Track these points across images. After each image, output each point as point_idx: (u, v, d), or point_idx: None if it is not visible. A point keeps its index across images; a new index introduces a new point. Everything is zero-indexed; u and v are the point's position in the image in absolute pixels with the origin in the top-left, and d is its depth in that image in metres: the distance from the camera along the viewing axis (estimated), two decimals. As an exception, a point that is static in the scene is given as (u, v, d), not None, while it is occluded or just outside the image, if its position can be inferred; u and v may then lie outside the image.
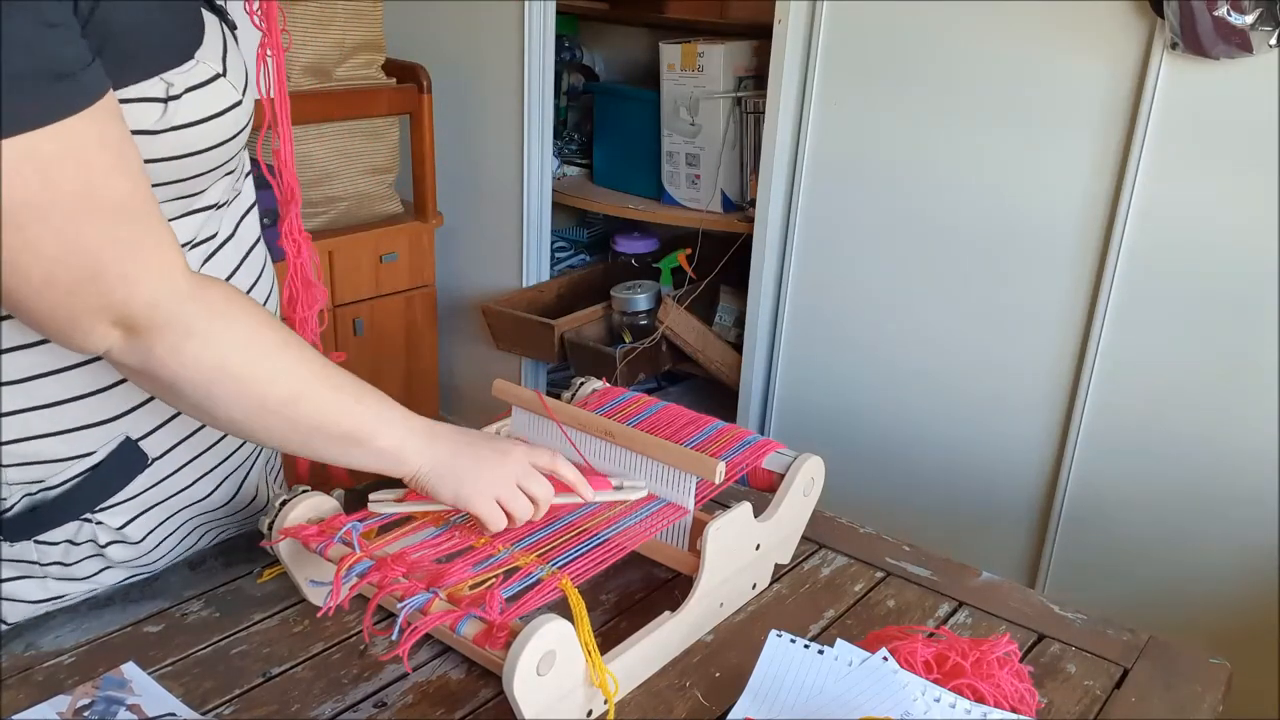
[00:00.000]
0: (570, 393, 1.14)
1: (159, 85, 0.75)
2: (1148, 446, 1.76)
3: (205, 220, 0.87)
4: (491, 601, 0.77)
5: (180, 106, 0.76)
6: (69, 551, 0.89)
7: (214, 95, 0.79)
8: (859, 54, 1.93)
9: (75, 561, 0.90)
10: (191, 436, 0.92)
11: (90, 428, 0.84)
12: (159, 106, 0.75)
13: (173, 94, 0.76)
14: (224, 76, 0.80)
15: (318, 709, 0.82)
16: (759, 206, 2.13)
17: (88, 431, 0.84)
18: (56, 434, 0.83)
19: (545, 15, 2.40)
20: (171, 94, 0.76)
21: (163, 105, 0.75)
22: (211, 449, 0.95)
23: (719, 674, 0.89)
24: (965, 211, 1.87)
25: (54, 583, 0.90)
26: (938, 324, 1.95)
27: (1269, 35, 1.47)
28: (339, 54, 2.24)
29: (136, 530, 0.91)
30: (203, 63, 0.79)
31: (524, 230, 2.58)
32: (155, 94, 0.75)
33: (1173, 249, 1.67)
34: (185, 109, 0.77)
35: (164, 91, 0.75)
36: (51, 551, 0.88)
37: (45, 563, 0.89)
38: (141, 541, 0.92)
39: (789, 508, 1.00)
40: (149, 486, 0.90)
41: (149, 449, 0.89)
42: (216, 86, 0.79)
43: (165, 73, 0.76)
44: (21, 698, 0.81)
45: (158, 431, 0.89)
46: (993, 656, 0.83)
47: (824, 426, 2.16)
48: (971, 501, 1.98)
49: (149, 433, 0.88)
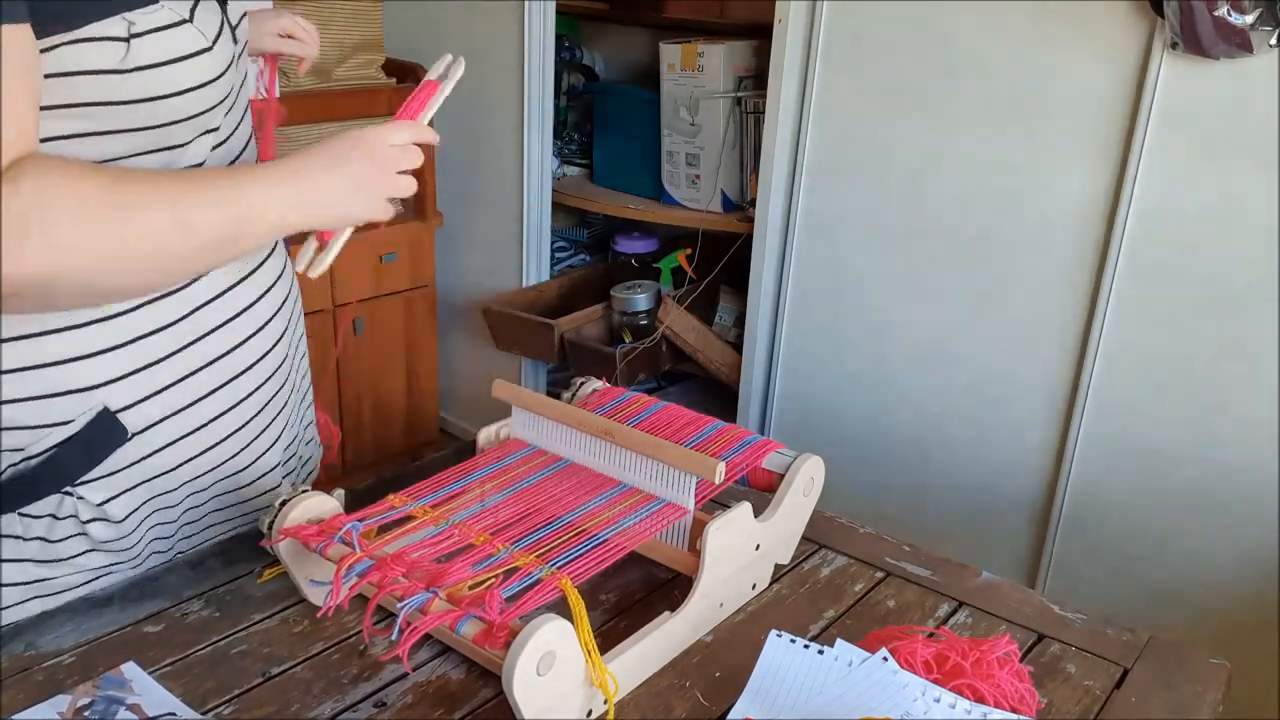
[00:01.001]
0: (570, 393, 1.14)
1: (120, 24, 0.76)
2: (1148, 446, 1.76)
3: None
4: (491, 601, 0.76)
5: (143, 45, 0.77)
6: (52, 527, 0.89)
7: (179, 39, 0.80)
8: (859, 54, 1.93)
9: (59, 540, 0.90)
10: (179, 413, 0.92)
11: (64, 395, 0.85)
12: (121, 45, 0.76)
13: (134, 32, 0.77)
14: (189, 22, 0.81)
15: (318, 709, 0.82)
16: (759, 206, 2.13)
17: (62, 400, 0.85)
18: (29, 399, 0.84)
19: (545, 15, 2.40)
20: (134, 32, 0.76)
21: (125, 45, 0.76)
22: (203, 428, 0.94)
23: (719, 674, 0.89)
24: (965, 211, 1.87)
25: (34, 566, 0.90)
26: (937, 324, 1.95)
27: (1269, 35, 1.47)
28: (339, 54, 2.24)
29: (118, 509, 0.91)
30: (167, 7, 0.79)
31: (524, 230, 2.58)
32: (117, 32, 0.76)
33: (1172, 248, 1.67)
34: (148, 49, 0.78)
35: (125, 30, 0.76)
36: (35, 525, 0.89)
37: (29, 537, 0.89)
38: (123, 521, 0.92)
39: (789, 508, 1.00)
40: (131, 463, 0.90)
41: (131, 423, 0.88)
42: (181, 30, 0.80)
43: (127, 12, 0.76)
44: (21, 698, 0.81)
45: (140, 405, 0.89)
46: (993, 657, 0.83)
47: (824, 426, 2.16)
48: (971, 501, 1.98)
49: (129, 405, 0.88)
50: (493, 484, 0.97)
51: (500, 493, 0.96)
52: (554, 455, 1.03)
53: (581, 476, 0.99)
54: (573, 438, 1.01)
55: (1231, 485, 1.69)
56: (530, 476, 0.99)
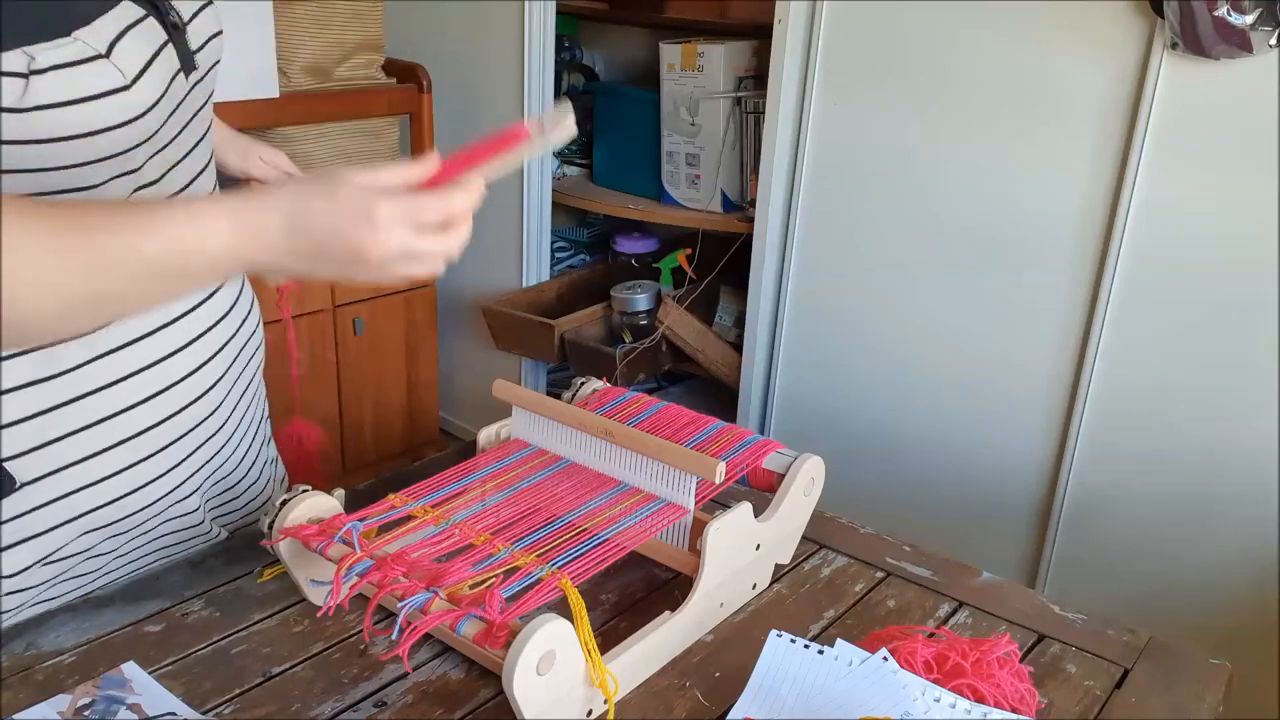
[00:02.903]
0: (570, 393, 1.14)
1: (20, 58, 0.69)
2: (1148, 446, 1.76)
3: None
4: (491, 601, 0.76)
5: (44, 82, 0.69)
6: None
7: (88, 76, 0.72)
8: (859, 54, 1.93)
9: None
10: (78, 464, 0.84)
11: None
12: (19, 81, 0.68)
13: (35, 68, 0.69)
14: (105, 58, 0.73)
15: (318, 709, 0.82)
16: (759, 206, 2.13)
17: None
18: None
19: (545, 15, 2.40)
20: (34, 68, 0.69)
21: (24, 81, 0.68)
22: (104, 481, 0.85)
23: (719, 674, 0.89)
24: (965, 211, 1.87)
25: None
26: (938, 324, 1.95)
27: (1269, 35, 1.47)
28: (339, 54, 2.24)
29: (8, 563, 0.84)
30: (81, 41, 0.72)
31: (524, 230, 2.58)
32: (15, 67, 0.68)
33: (1173, 249, 1.67)
34: (50, 88, 0.70)
35: (25, 66, 0.69)
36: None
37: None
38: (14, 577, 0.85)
39: (789, 508, 1.00)
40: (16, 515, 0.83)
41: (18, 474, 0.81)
42: (94, 67, 0.72)
43: (29, 45, 0.69)
44: (21, 698, 0.80)
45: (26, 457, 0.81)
46: (993, 657, 0.83)
47: (824, 426, 2.16)
48: (971, 501, 1.98)
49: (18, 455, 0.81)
50: (493, 484, 0.97)
51: (500, 492, 0.96)
52: (554, 455, 1.03)
53: (582, 476, 0.99)
54: (573, 438, 1.01)
55: (1232, 485, 1.69)
56: (530, 476, 0.99)
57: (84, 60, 0.72)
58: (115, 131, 0.75)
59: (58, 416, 0.82)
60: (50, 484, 0.84)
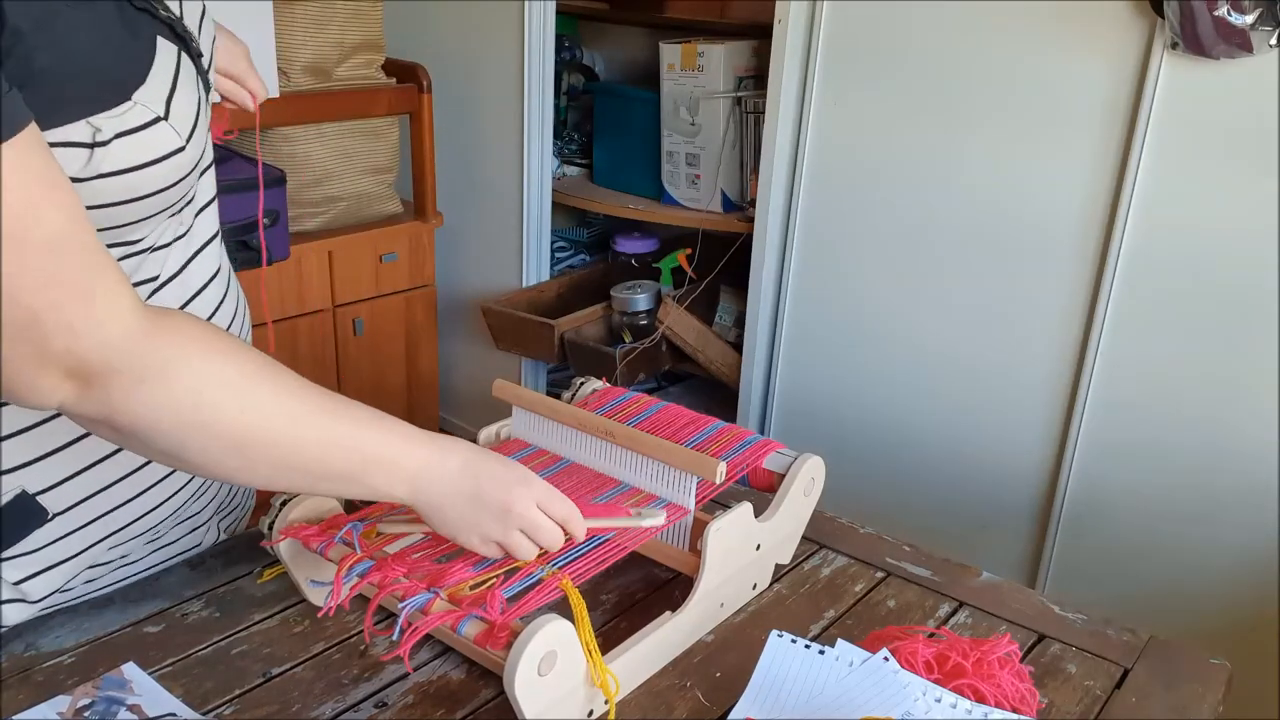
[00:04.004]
0: (570, 393, 1.14)
1: (85, 129, 0.68)
2: (1148, 446, 1.76)
3: (142, 262, 0.81)
4: (492, 601, 0.77)
5: (109, 153, 0.70)
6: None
7: (150, 141, 0.73)
8: (859, 54, 1.93)
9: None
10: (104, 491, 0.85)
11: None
12: (84, 153, 0.68)
13: (100, 139, 0.69)
14: (165, 120, 0.74)
15: (318, 709, 0.82)
16: (759, 206, 2.12)
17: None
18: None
19: (545, 15, 2.40)
20: (99, 139, 0.69)
21: (88, 151, 0.69)
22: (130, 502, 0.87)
23: (720, 674, 0.89)
24: (965, 211, 1.87)
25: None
26: (938, 324, 1.95)
27: (1269, 35, 1.47)
28: (339, 54, 2.24)
29: (37, 588, 0.86)
30: (140, 104, 0.72)
31: (524, 230, 2.58)
32: (80, 138, 0.68)
33: (1173, 249, 1.67)
34: (115, 156, 0.70)
35: (90, 136, 0.69)
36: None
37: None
38: (39, 601, 0.87)
39: (789, 508, 1.00)
40: (51, 541, 0.84)
41: (51, 504, 0.82)
42: (154, 131, 0.73)
43: (93, 115, 0.69)
44: (21, 698, 0.80)
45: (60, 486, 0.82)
46: (994, 657, 0.83)
47: (824, 426, 2.16)
48: (971, 501, 1.98)
49: (49, 488, 0.82)
50: (493, 484, 0.97)
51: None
52: (554, 455, 1.03)
53: (582, 476, 0.99)
54: (573, 438, 1.01)
55: (1232, 485, 1.69)
56: (531, 476, 0.99)
57: (145, 125, 0.72)
58: (171, 190, 0.77)
59: (84, 447, 0.82)
60: (80, 512, 0.84)
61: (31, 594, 0.86)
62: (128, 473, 0.86)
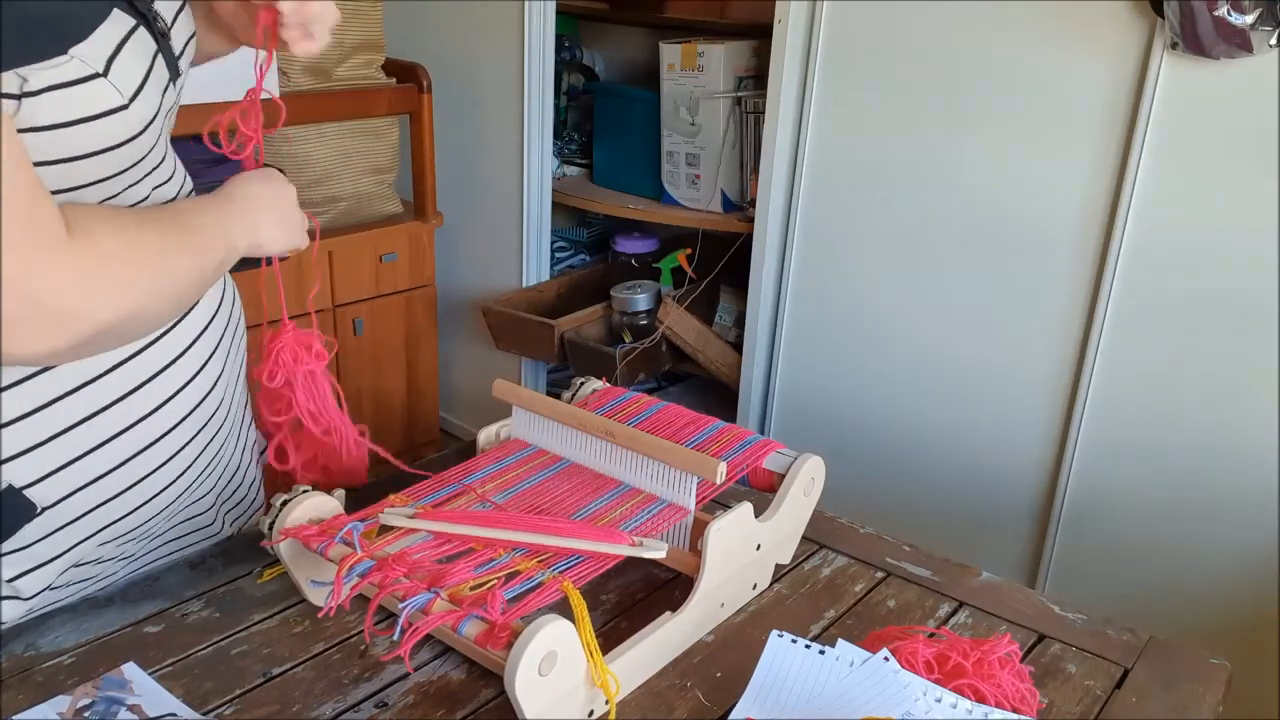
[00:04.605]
0: (570, 393, 1.14)
1: (13, 80, 0.67)
2: (1148, 447, 1.76)
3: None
4: (493, 602, 0.76)
5: (40, 105, 0.68)
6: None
7: (85, 96, 0.71)
8: (859, 54, 1.93)
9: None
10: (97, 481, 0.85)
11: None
12: (10, 104, 0.67)
13: (28, 90, 0.68)
14: (103, 77, 0.72)
15: (318, 709, 0.82)
16: (759, 206, 2.13)
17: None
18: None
19: (545, 15, 2.40)
20: (27, 89, 0.68)
21: (15, 103, 0.67)
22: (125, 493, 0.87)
23: (720, 674, 0.89)
24: (965, 211, 1.87)
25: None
26: (938, 323, 1.95)
27: (1269, 35, 1.47)
28: (339, 54, 2.24)
29: (29, 584, 0.86)
30: (78, 59, 0.70)
31: (524, 230, 2.58)
32: (8, 89, 0.67)
33: (1173, 249, 1.67)
34: (45, 109, 0.69)
35: (18, 87, 0.67)
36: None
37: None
38: (33, 598, 0.87)
39: (789, 508, 1.00)
40: (42, 536, 0.84)
41: (40, 497, 0.82)
42: (91, 87, 0.71)
43: (23, 66, 0.67)
44: (21, 698, 0.80)
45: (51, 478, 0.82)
46: (994, 657, 0.83)
47: (824, 426, 2.16)
48: (971, 501, 1.98)
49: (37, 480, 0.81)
50: (493, 484, 0.97)
51: (501, 493, 0.96)
52: (554, 455, 1.03)
53: (582, 477, 0.99)
54: (573, 438, 1.01)
55: (1231, 485, 1.69)
56: (531, 477, 0.99)
57: (80, 80, 0.71)
58: (114, 152, 0.76)
59: (73, 437, 0.82)
60: (70, 504, 0.84)
61: (24, 591, 0.86)
62: (117, 464, 0.85)
